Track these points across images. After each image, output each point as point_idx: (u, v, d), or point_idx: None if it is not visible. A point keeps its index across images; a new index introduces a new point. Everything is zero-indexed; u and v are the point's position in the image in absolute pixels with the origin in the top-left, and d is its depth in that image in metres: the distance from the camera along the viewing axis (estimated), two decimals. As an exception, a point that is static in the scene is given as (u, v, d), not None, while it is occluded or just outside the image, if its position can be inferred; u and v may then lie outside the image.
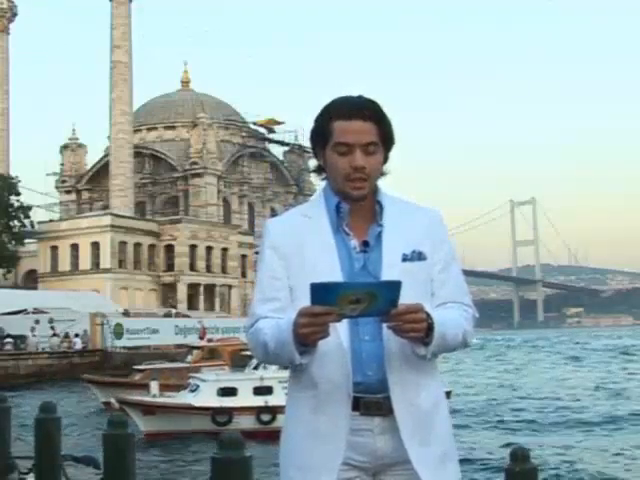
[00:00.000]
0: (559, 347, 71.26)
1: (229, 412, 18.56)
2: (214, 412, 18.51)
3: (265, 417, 18.34)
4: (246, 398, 18.70)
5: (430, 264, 2.25)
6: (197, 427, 18.28)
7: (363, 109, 2.24)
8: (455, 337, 2.18)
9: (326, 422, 2.15)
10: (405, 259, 2.22)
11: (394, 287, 2.02)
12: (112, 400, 21.25)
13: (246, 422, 18.23)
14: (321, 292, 1.99)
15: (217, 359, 24.21)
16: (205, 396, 18.88)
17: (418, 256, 2.23)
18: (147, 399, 19.70)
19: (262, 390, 18.53)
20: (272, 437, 14.70)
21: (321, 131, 2.27)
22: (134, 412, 18.94)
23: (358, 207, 2.27)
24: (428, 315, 2.10)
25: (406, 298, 2.05)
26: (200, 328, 43.09)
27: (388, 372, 2.16)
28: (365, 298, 1.99)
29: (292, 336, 2.06)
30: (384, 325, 2.12)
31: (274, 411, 17.76)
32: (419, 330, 2.08)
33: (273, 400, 17.88)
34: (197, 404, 18.69)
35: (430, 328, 2.09)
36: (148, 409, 19.05)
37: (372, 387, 2.16)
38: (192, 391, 19.37)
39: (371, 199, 2.29)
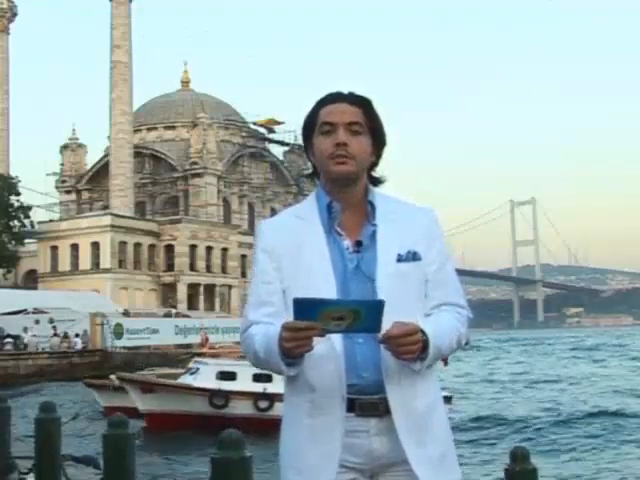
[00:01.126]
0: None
1: (226, 395, 18.59)
2: (212, 394, 18.57)
3: (262, 404, 18.35)
4: (245, 383, 18.74)
5: (425, 264, 2.23)
6: (194, 408, 18.35)
7: (350, 95, 2.27)
8: (450, 345, 2.19)
9: (321, 424, 2.15)
10: (400, 259, 2.20)
11: (378, 306, 2.01)
12: (112, 377, 21.33)
13: (243, 407, 18.28)
14: (304, 307, 1.99)
15: None
16: (204, 378, 19.01)
17: (413, 256, 2.22)
18: (146, 377, 19.83)
19: (261, 377, 18.54)
20: (269, 426, 14.88)
21: (310, 120, 2.29)
22: (133, 389, 19.00)
23: (350, 205, 2.25)
24: (422, 332, 2.09)
25: (401, 299, 2.06)
26: (202, 335, 43.05)
27: (384, 374, 2.15)
28: (348, 315, 1.99)
29: (278, 348, 2.07)
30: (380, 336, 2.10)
31: (272, 398, 17.79)
32: (414, 352, 2.08)
33: (272, 387, 17.91)
34: (195, 384, 18.78)
35: (425, 345, 2.09)
36: (147, 387, 19.12)
37: (367, 389, 2.15)
38: (192, 373, 19.47)
39: (362, 197, 2.27)
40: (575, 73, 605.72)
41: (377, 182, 2.33)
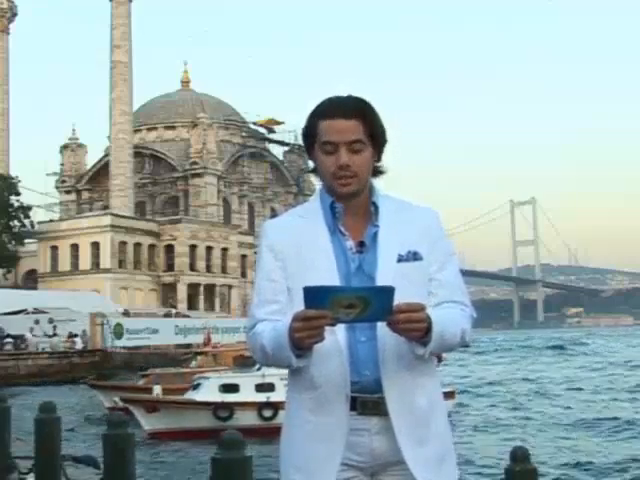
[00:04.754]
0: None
1: (230, 407, 18.67)
2: (216, 407, 18.63)
3: (267, 413, 18.44)
4: (248, 394, 18.82)
5: (426, 264, 2.25)
6: (199, 423, 18.38)
7: (347, 107, 2.24)
8: (453, 336, 2.18)
9: (324, 422, 2.16)
10: (400, 260, 2.22)
11: (387, 293, 2.02)
12: (116, 399, 21.40)
13: (247, 418, 18.34)
14: (314, 295, 2.00)
15: (221, 364, 24.33)
16: (207, 392, 19.07)
17: (414, 256, 2.23)
18: (149, 396, 19.91)
19: (264, 387, 18.63)
20: (273, 433, 14.90)
21: (309, 131, 2.29)
22: (137, 410, 19.07)
23: (353, 207, 2.27)
24: (427, 315, 2.10)
25: (402, 299, 2.05)
26: (205, 333, 43.11)
27: (383, 372, 2.16)
28: (358, 303, 2.00)
29: (288, 340, 2.07)
30: (379, 325, 2.12)
31: (276, 407, 17.85)
32: (420, 329, 2.08)
33: (275, 396, 17.98)
34: (199, 399, 18.85)
35: (429, 328, 2.09)
36: (151, 406, 19.18)
37: (369, 387, 2.17)
38: (195, 388, 19.55)
39: (366, 199, 2.29)
40: (575, 73, 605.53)
41: (378, 173, 2.33)
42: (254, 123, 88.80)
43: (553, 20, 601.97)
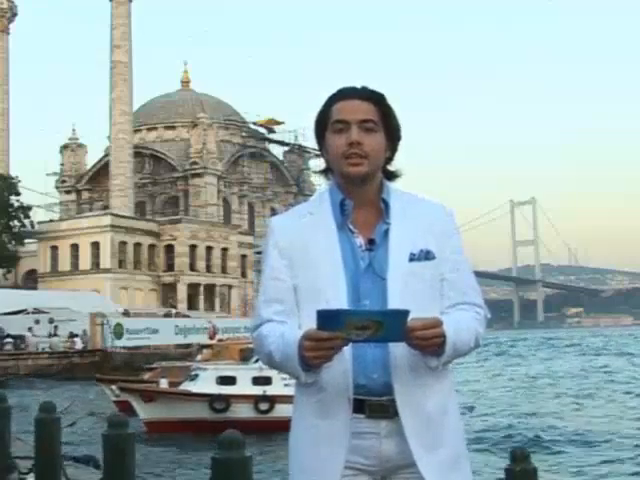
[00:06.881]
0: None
1: (227, 399, 18.69)
2: (212, 399, 18.66)
3: (263, 406, 18.44)
4: (245, 387, 18.84)
5: (439, 263, 2.19)
6: (195, 414, 18.41)
7: (362, 91, 2.23)
8: (467, 343, 2.14)
9: (327, 425, 2.13)
10: (412, 259, 2.16)
11: (401, 316, 1.98)
12: (113, 387, 21.46)
13: (244, 410, 18.36)
14: (327, 318, 1.96)
15: (227, 357, 24.30)
16: (204, 383, 19.13)
17: (426, 255, 2.18)
18: (146, 386, 19.96)
19: (261, 380, 18.61)
20: (270, 428, 14.94)
21: (322, 117, 2.25)
22: (134, 399, 19.12)
23: (363, 202, 2.21)
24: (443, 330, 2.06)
25: (413, 299, 2.04)
26: (210, 328, 43.13)
27: (393, 375, 2.11)
28: (372, 325, 1.97)
29: (297, 355, 2.04)
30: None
31: (272, 400, 17.87)
32: (437, 344, 2.04)
33: (271, 390, 18.00)
34: (195, 390, 18.89)
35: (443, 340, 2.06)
36: (148, 395, 19.23)
37: (377, 390, 2.12)
38: (192, 380, 19.58)
39: (376, 194, 2.23)
40: (575, 73, 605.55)
41: (392, 176, 2.29)
42: (254, 123, 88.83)
43: (553, 20, 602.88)
